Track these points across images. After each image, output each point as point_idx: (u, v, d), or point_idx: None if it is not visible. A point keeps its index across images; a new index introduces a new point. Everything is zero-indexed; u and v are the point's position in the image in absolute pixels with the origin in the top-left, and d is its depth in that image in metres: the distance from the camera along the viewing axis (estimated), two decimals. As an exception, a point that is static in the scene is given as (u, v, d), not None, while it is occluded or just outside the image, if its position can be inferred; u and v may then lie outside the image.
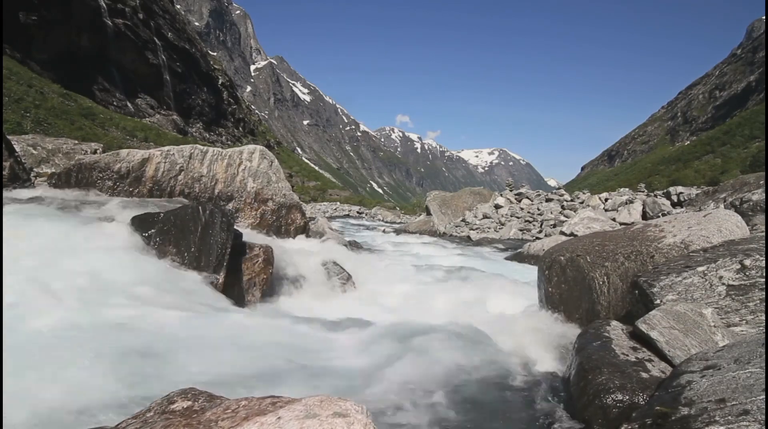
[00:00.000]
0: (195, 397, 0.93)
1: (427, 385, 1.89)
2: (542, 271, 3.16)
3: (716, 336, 1.67)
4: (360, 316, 3.27)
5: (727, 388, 1.17)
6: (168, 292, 2.66)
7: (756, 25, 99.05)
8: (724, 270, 1.96)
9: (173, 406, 0.90)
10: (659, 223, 2.75)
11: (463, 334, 2.60)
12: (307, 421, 0.69)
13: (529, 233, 11.78)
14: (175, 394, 0.96)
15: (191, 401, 0.91)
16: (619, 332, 1.84)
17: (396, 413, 1.68)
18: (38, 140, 11.03)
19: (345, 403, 0.76)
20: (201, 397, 0.93)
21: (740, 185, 9.76)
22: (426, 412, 1.69)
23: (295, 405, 0.76)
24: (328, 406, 0.74)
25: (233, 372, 1.71)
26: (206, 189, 6.43)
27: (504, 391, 1.87)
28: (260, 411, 0.76)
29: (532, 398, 1.82)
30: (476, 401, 1.78)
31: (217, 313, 2.65)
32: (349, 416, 0.71)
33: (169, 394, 0.97)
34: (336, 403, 0.76)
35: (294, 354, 2.10)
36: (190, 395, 0.94)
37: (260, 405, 0.81)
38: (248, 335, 2.24)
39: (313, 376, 1.89)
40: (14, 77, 33.36)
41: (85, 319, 1.85)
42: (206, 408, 0.86)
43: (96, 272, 2.52)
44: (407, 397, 1.79)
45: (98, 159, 6.18)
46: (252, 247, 4.05)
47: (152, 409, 0.92)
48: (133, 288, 2.50)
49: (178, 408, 0.89)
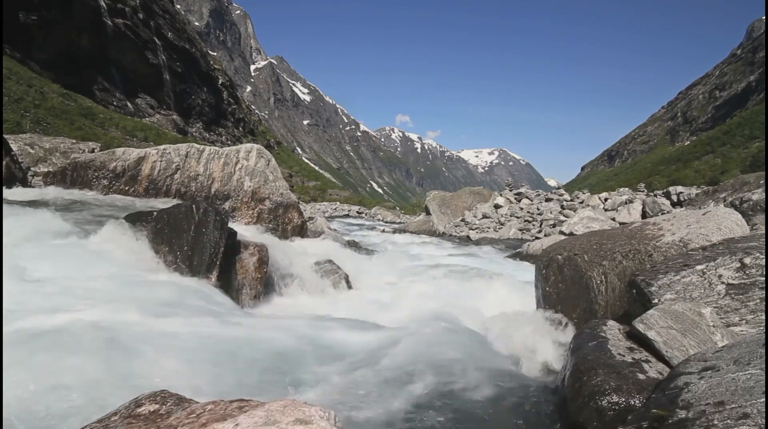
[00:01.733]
0: (164, 400, 0.89)
1: (417, 386, 1.85)
2: (539, 271, 3.11)
3: (715, 336, 1.62)
4: (355, 316, 3.23)
5: (726, 391, 1.13)
6: (158, 291, 2.62)
7: (756, 25, 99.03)
8: (724, 268, 1.91)
9: (140, 410, 0.86)
10: (658, 221, 2.71)
11: (458, 334, 2.56)
12: (266, 428, 0.65)
13: (529, 233, 11.74)
14: (144, 397, 0.91)
15: (159, 404, 0.87)
16: (616, 332, 1.79)
17: (385, 414, 1.64)
18: (36, 139, 10.98)
19: (310, 408, 0.72)
20: (170, 400, 0.89)
21: (740, 185, 9.71)
22: (415, 414, 1.65)
23: (256, 410, 0.72)
24: (290, 412, 0.70)
25: (213, 372, 1.67)
26: (203, 188, 6.39)
27: (497, 392, 1.83)
28: (223, 416, 0.72)
29: (525, 400, 1.78)
30: (467, 403, 1.74)
31: (208, 312, 2.60)
32: (312, 423, 0.67)
33: (137, 397, 0.93)
34: (300, 409, 0.71)
35: (282, 354, 2.06)
36: (160, 398, 0.90)
37: (226, 409, 0.76)
38: (236, 335, 2.20)
39: (297, 377, 1.85)
40: (14, 77, 33.33)
41: (64, 319, 1.80)
42: (172, 412, 0.82)
43: (84, 272, 2.48)
44: (397, 398, 1.75)
45: (94, 158, 6.14)
46: (247, 246, 4.00)
47: (118, 412, 0.88)
48: (120, 288, 2.46)
49: (144, 411, 0.85)
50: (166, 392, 0.93)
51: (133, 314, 2.05)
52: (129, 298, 2.38)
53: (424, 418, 1.66)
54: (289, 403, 0.73)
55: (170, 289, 2.76)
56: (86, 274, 2.49)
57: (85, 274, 2.48)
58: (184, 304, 2.56)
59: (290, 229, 6.86)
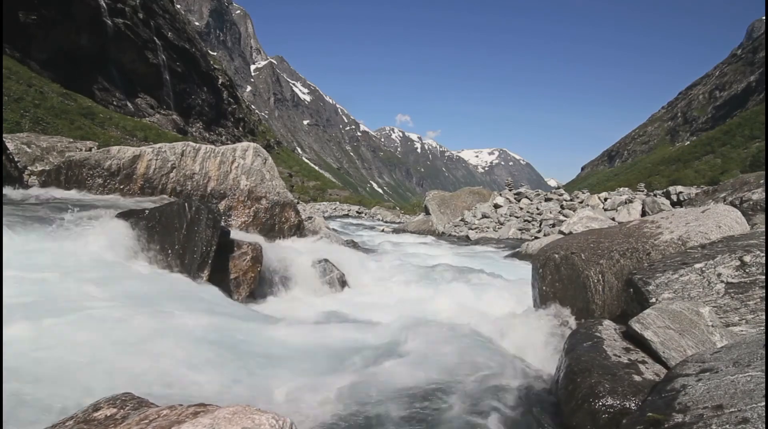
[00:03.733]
0: (123, 404, 0.84)
1: (406, 387, 1.80)
2: (536, 270, 3.06)
3: (714, 336, 1.57)
4: (349, 316, 3.18)
5: (725, 394, 1.08)
6: (146, 290, 2.57)
7: (756, 25, 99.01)
8: (723, 267, 1.86)
9: (96, 414, 0.81)
10: (656, 219, 2.66)
11: (452, 335, 2.50)
12: (207, 436, 0.60)
13: (528, 233, 11.69)
14: (104, 401, 0.87)
15: (117, 408, 0.82)
16: (612, 332, 1.74)
17: (364, 416, 1.59)
18: (32, 138, 10.94)
19: (261, 416, 0.67)
20: (130, 404, 0.84)
21: (740, 184, 9.66)
22: (402, 414, 1.60)
23: (202, 418, 0.67)
24: (239, 420, 0.65)
25: (188, 373, 1.61)
26: (198, 187, 6.34)
27: (489, 394, 1.77)
28: (171, 423, 0.67)
29: (519, 402, 1.72)
30: (458, 404, 1.69)
31: (197, 311, 2.54)
32: (259, 432, 0.62)
33: (98, 401, 0.88)
34: (250, 416, 0.66)
35: (267, 354, 2.00)
36: (119, 402, 0.85)
37: (179, 415, 0.71)
38: (219, 334, 2.14)
39: (279, 378, 1.80)
40: (14, 77, 33.29)
41: (42, 319, 1.75)
42: (127, 416, 0.77)
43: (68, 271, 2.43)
44: (381, 400, 1.70)
45: (88, 156, 6.09)
46: (240, 244, 3.96)
47: (75, 417, 0.83)
48: (106, 287, 2.41)
49: (100, 416, 0.80)
50: (129, 395, 0.88)
51: (117, 312, 1.99)
52: (114, 297, 2.33)
53: (410, 419, 1.61)
54: (240, 409, 0.68)
55: (160, 288, 2.71)
56: (71, 273, 2.44)
57: (69, 274, 2.43)
58: (172, 303, 2.51)
59: (287, 229, 6.80)
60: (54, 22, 40.52)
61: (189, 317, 2.32)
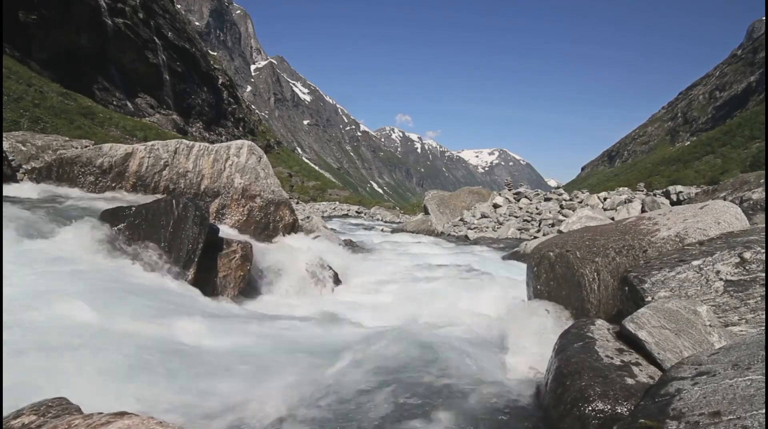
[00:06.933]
0: (47, 411, 0.76)
1: (389, 390, 1.72)
2: (531, 268, 2.98)
3: (712, 337, 1.49)
4: (337, 315, 3.10)
5: (723, 399, 1.00)
6: (127, 288, 2.48)
7: (756, 25, 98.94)
8: (722, 264, 1.78)
9: (14, 422, 0.74)
10: (653, 216, 2.57)
11: (442, 335, 2.42)
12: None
13: (527, 233, 11.61)
14: (28, 408, 0.79)
15: (39, 416, 0.74)
16: (605, 332, 1.65)
17: (345, 418, 1.51)
18: (28, 137, 10.86)
19: None
20: (53, 411, 0.76)
21: (740, 184, 9.58)
22: (383, 417, 1.51)
23: None
24: None
25: (147, 376, 1.53)
26: (192, 185, 6.26)
27: (478, 396, 1.69)
28: None
29: (508, 405, 1.64)
30: (444, 406, 1.60)
31: (182, 311, 2.46)
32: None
33: (22, 408, 0.80)
34: None
35: (250, 353, 1.92)
36: (44, 408, 0.77)
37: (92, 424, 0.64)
38: (205, 334, 2.06)
39: (254, 377, 1.71)
40: (14, 76, 33.26)
41: (25, 316, 1.67)
42: (41, 426, 0.69)
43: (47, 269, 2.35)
44: (364, 402, 1.62)
45: (80, 154, 6.01)
46: (230, 242, 3.88)
47: (-8, 424, 0.76)
48: (86, 285, 2.33)
49: (17, 424, 0.72)
50: (59, 401, 0.80)
51: (89, 313, 1.91)
52: (93, 296, 2.25)
53: (394, 421, 1.52)
54: (141, 421, 0.61)
55: (141, 287, 2.63)
56: (49, 271, 2.36)
57: (48, 271, 2.35)
58: (153, 302, 2.42)
59: (281, 227, 6.72)
60: (54, 22, 40.48)
61: (165, 316, 2.24)
